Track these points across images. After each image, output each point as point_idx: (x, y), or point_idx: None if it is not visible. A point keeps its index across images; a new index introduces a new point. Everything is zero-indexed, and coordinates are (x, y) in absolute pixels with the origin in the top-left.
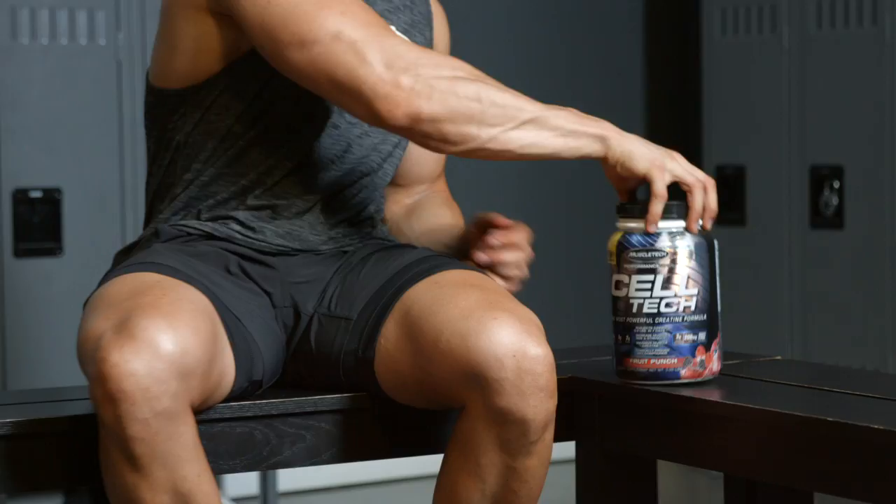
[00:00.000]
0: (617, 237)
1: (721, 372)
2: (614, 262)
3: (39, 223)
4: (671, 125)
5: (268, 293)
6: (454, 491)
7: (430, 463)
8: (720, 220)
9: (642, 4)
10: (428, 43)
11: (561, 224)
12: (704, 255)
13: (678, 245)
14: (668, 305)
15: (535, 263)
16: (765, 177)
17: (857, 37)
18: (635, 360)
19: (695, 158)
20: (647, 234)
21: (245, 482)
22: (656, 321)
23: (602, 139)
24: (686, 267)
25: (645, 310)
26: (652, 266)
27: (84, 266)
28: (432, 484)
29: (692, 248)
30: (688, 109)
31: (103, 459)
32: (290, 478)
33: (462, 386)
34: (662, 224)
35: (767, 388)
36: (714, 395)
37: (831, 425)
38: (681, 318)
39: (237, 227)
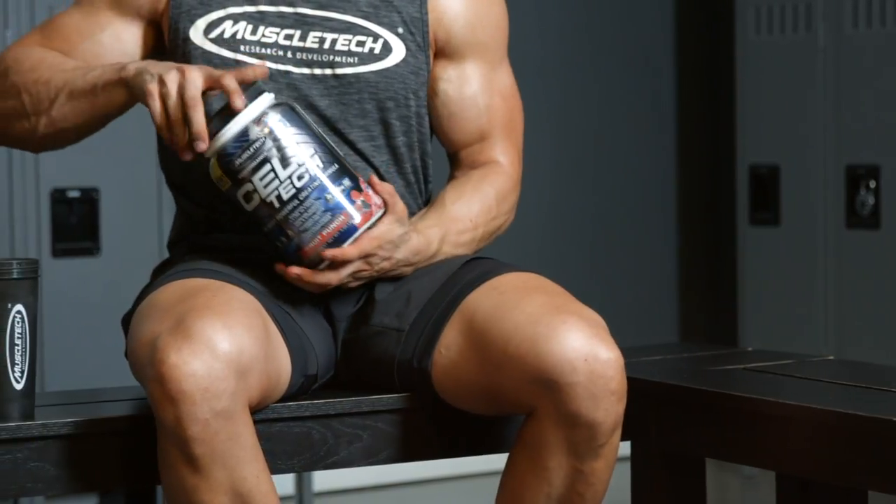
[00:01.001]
0: (214, 163)
1: (774, 371)
2: (229, 184)
3: (77, 223)
4: (703, 124)
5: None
6: (519, 493)
7: (463, 463)
8: (754, 219)
9: (673, 3)
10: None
11: (602, 225)
12: (293, 116)
13: (268, 124)
14: (300, 178)
15: (580, 263)
16: (799, 176)
17: (894, 36)
18: (310, 245)
19: (728, 157)
20: (237, 137)
21: (280, 482)
22: (301, 197)
23: (122, 82)
24: (288, 136)
25: (285, 196)
26: (261, 156)
27: (121, 266)
28: (464, 484)
29: (280, 117)
30: (719, 109)
31: (162, 460)
32: (325, 478)
33: (532, 391)
34: (240, 118)
35: (821, 387)
36: (769, 395)
37: (886, 424)
38: (318, 181)
39: (261, 238)
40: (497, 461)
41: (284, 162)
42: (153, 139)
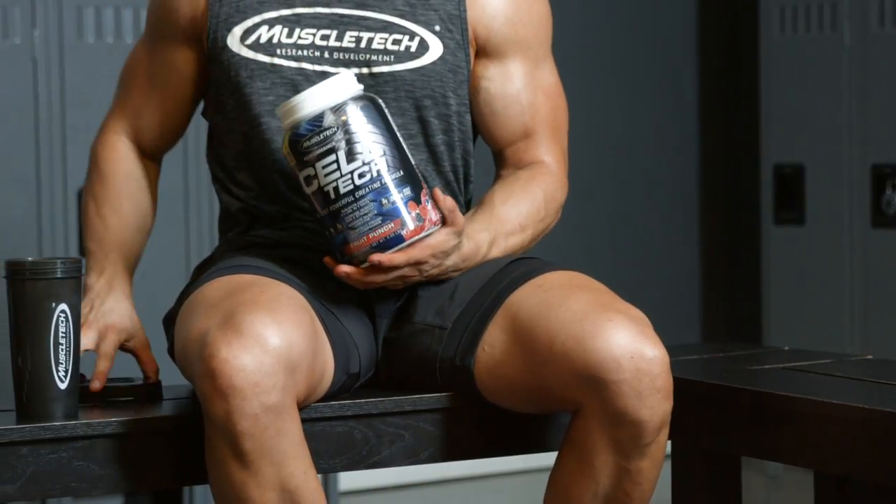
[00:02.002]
0: (286, 137)
1: (815, 371)
2: (294, 162)
3: None
4: (725, 124)
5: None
6: (566, 492)
7: (487, 463)
8: (779, 219)
9: (696, 2)
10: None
11: (624, 225)
12: (374, 113)
13: (344, 115)
14: (361, 176)
15: (602, 263)
16: (824, 176)
17: None
18: (355, 243)
19: (752, 157)
20: (311, 120)
21: None
22: (357, 195)
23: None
24: (362, 132)
25: (342, 190)
26: (329, 145)
27: (147, 265)
28: (489, 483)
29: (360, 111)
30: (742, 108)
31: (210, 456)
32: (350, 478)
33: (577, 389)
34: (320, 103)
35: (861, 386)
36: (809, 394)
37: None
38: (379, 183)
39: (302, 234)
40: (518, 460)
41: (350, 156)
42: (181, 141)
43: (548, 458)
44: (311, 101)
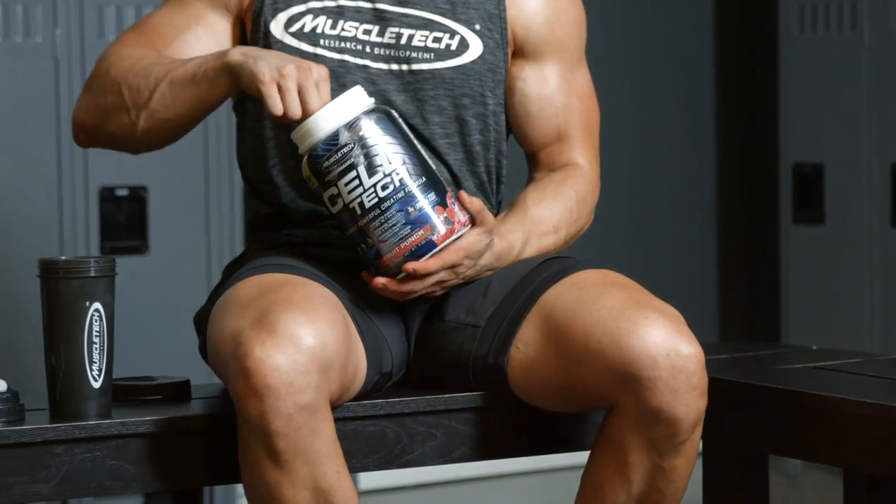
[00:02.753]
0: (305, 161)
1: (846, 370)
2: (317, 184)
3: (125, 221)
4: (742, 123)
5: None
6: (600, 489)
7: (504, 463)
8: (797, 218)
9: (713, 1)
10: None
11: (641, 224)
12: (388, 124)
13: (359, 130)
14: (384, 188)
15: (619, 262)
16: (844, 175)
17: None
18: (388, 255)
19: (771, 156)
20: (327, 140)
21: None
22: (383, 207)
23: (225, 68)
24: (380, 144)
25: (367, 204)
26: (348, 162)
27: (169, 264)
28: (509, 482)
29: (374, 124)
30: (760, 107)
31: (243, 456)
32: (369, 477)
33: (612, 386)
34: (333, 122)
35: (891, 385)
36: (845, 393)
37: None
38: (403, 192)
39: (335, 233)
40: (532, 460)
41: (371, 170)
42: (201, 138)
43: (561, 459)
44: (324, 122)
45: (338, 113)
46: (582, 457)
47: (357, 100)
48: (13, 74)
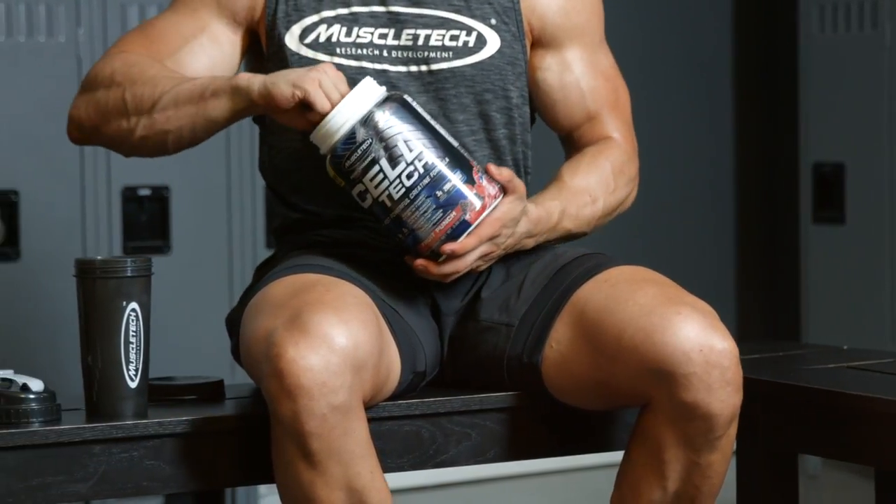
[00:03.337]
0: (328, 162)
1: (880, 370)
2: (344, 183)
3: (147, 221)
4: (761, 123)
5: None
6: (636, 486)
7: (522, 463)
8: (818, 218)
9: (733, 1)
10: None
11: (659, 223)
12: (403, 112)
13: (374, 124)
14: (409, 177)
15: (637, 260)
16: (864, 174)
17: None
18: (426, 241)
19: (791, 156)
20: (344, 139)
21: None
22: (412, 196)
23: (234, 90)
24: (398, 134)
25: (395, 196)
26: (370, 157)
27: (191, 264)
28: (524, 483)
29: (389, 114)
30: (779, 107)
31: (277, 456)
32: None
33: (646, 383)
34: (348, 120)
35: None
36: (882, 393)
37: None
38: (429, 178)
39: (366, 233)
40: (551, 460)
41: (393, 161)
42: (224, 137)
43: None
44: (338, 121)
45: (351, 109)
46: (607, 457)
47: (368, 92)
48: (36, 74)
